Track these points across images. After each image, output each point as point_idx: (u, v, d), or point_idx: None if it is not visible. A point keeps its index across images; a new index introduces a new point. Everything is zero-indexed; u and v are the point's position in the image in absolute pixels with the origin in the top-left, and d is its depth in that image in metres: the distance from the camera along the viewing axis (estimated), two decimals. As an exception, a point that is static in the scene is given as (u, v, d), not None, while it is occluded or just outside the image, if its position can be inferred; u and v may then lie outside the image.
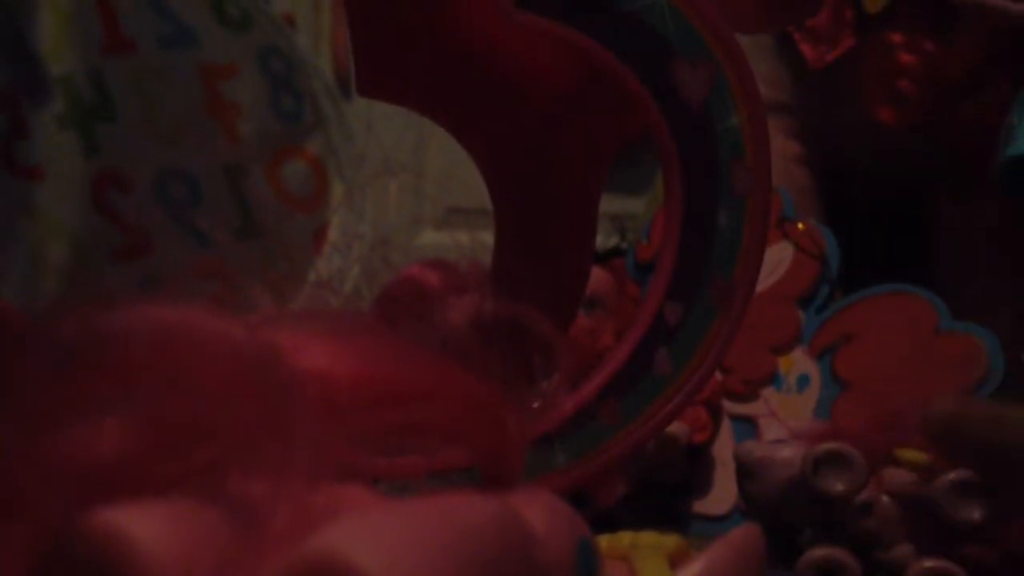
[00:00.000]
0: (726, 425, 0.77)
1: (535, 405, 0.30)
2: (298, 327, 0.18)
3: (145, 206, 0.61)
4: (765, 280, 0.62)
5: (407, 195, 0.81)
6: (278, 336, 0.17)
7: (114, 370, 0.15)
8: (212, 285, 0.55)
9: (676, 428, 0.72)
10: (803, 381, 0.77)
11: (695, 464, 0.76)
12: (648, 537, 0.27)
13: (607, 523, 0.29)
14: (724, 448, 0.77)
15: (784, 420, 0.75)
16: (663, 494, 0.74)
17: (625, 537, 0.27)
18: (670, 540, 0.27)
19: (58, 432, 0.15)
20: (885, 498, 0.39)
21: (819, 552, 0.38)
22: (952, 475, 0.37)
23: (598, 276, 0.73)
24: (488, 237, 0.55)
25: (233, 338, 0.16)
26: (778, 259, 0.63)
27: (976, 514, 0.36)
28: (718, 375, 0.76)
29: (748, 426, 0.77)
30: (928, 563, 0.37)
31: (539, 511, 0.17)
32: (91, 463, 0.15)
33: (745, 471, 0.44)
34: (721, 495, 0.75)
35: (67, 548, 0.14)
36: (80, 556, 0.14)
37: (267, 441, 0.15)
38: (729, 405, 0.77)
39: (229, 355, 0.16)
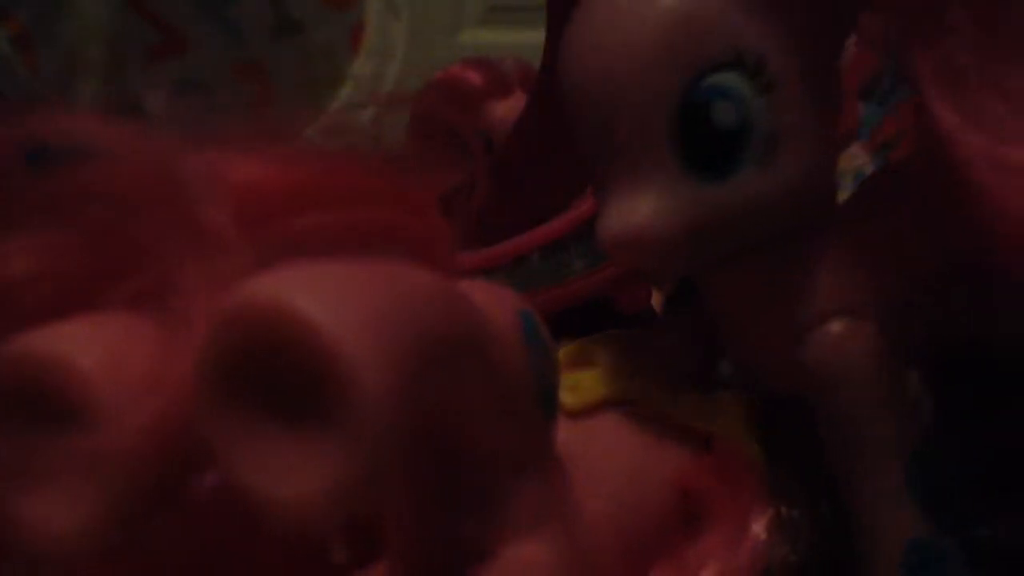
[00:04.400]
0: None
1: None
2: (242, 147, 0.18)
3: (180, 3, 0.60)
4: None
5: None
6: (213, 154, 0.17)
7: (26, 185, 0.15)
8: (249, 86, 0.54)
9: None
10: (860, 178, 0.73)
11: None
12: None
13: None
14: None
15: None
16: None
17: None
18: None
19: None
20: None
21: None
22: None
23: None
24: (531, 36, 0.52)
25: (156, 154, 0.16)
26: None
27: None
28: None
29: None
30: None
31: (475, 289, 0.17)
32: (3, 283, 0.14)
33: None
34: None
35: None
36: (6, 382, 0.14)
37: (188, 252, 0.15)
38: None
39: (149, 169, 0.15)
